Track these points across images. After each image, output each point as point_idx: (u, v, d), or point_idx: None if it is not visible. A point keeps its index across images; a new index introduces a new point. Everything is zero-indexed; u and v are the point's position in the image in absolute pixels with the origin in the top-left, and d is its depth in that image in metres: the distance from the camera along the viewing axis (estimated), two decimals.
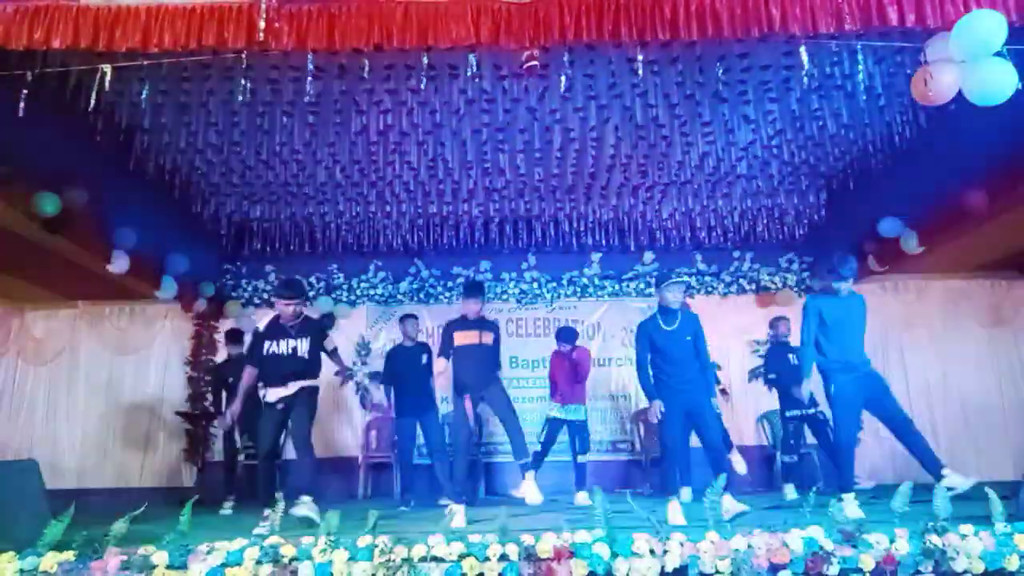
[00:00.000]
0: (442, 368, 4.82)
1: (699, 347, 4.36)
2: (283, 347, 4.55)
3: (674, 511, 3.98)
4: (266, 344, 4.55)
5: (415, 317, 6.35)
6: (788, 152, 6.31)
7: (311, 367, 4.61)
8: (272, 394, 4.48)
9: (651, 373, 4.37)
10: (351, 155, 6.27)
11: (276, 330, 4.60)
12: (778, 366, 6.15)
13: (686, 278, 4.49)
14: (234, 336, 6.59)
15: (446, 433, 6.26)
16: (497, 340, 4.86)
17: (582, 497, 5.70)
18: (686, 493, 4.04)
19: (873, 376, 4.44)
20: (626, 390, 7.88)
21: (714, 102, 5.49)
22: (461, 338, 4.75)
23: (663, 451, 4.65)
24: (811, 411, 5.92)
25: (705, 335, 4.42)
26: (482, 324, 4.85)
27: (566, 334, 6.28)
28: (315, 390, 4.65)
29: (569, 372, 6.11)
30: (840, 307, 4.45)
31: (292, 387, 4.48)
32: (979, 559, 2.81)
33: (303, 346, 4.55)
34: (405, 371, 6.03)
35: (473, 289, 4.91)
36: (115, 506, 3.90)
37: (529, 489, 4.13)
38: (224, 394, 6.35)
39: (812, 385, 4.53)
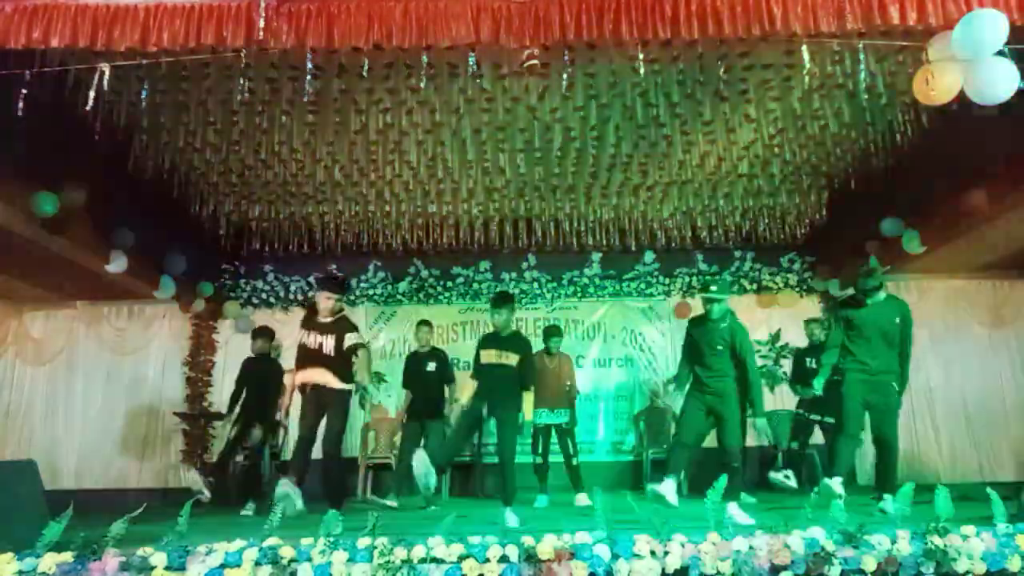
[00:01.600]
0: (467, 391, 4.76)
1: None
2: (311, 340, 4.65)
3: (667, 490, 4.11)
4: (299, 335, 4.72)
5: (428, 324, 6.35)
6: (789, 151, 6.28)
7: (335, 364, 4.64)
8: (300, 376, 4.64)
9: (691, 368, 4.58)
10: (350, 154, 6.24)
11: (310, 323, 4.75)
12: (797, 367, 6.49)
13: (721, 296, 4.45)
14: (262, 333, 6.33)
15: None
16: (523, 361, 4.62)
17: (582, 499, 5.69)
18: (669, 484, 4.04)
19: (887, 386, 4.55)
20: (626, 390, 7.86)
21: (715, 101, 5.48)
22: (485, 356, 4.68)
23: (674, 438, 4.77)
24: (824, 419, 5.93)
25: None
26: (508, 343, 4.65)
27: (556, 331, 6.33)
28: (348, 394, 4.69)
29: (556, 374, 6.08)
30: (867, 313, 4.59)
31: (316, 375, 4.59)
32: (981, 560, 2.79)
33: (329, 343, 4.64)
34: (414, 376, 6.15)
35: (497, 300, 4.80)
36: (114, 507, 3.88)
37: (508, 516, 4.20)
38: (245, 392, 6.08)
39: None
